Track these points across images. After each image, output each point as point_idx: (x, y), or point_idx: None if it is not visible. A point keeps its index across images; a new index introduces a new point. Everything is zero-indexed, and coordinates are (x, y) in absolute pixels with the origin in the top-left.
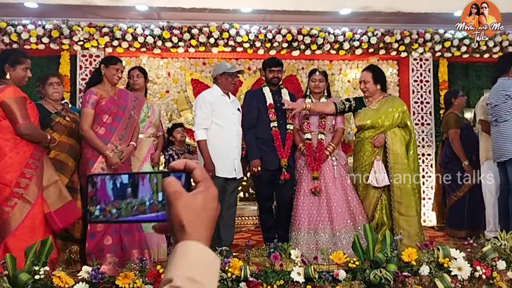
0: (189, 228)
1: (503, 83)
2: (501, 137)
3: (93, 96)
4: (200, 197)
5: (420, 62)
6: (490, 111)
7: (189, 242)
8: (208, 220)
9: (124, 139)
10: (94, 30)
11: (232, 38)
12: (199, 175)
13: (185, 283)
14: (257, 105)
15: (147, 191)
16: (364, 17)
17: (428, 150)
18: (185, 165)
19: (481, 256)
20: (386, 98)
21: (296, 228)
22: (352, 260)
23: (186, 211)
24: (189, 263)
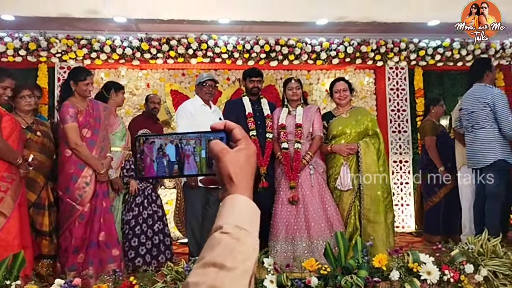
0: (236, 179)
1: (480, 90)
2: (477, 144)
3: (71, 110)
4: (243, 153)
5: (396, 70)
6: (466, 117)
7: (236, 196)
8: (251, 174)
9: (103, 152)
10: (72, 42)
11: (211, 49)
12: (239, 134)
13: (233, 230)
14: (236, 115)
15: (192, 169)
16: (340, 27)
17: (406, 157)
18: (225, 125)
19: (449, 260)
20: (355, 108)
21: (274, 237)
22: (324, 267)
23: (233, 165)
24: (236, 213)
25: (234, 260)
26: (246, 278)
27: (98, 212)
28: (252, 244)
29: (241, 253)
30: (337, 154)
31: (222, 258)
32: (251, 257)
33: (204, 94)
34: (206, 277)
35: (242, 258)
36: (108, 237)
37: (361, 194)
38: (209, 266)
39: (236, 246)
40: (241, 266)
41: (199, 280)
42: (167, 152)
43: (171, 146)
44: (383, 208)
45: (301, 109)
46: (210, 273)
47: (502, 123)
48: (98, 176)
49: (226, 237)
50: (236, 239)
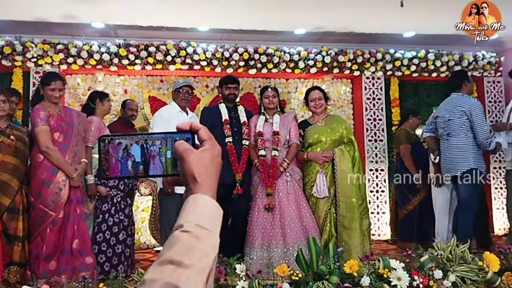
0: (200, 179)
1: (458, 98)
2: (453, 152)
3: (42, 113)
4: (208, 153)
5: (372, 80)
6: (442, 125)
7: (199, 195)
8: (215, 173)
9: (76, 157)
10: (48, 47)
11: (189, 56)
12: (204, 134)
13: (193, 228)
14: (213, 121)
15: (157, 169)
16: (318, 37)
17: (382, 165)
18: (190, 126)
19: (419, 266)
20: (330, 116)
21: (249, 244)
22: (295, 273)
23: (197, 165)
24: (197, 212)
25: (192, 258)
26: (202, 276)
27: (72, 218)
28: (212, 242)
29: (200, 251)
30: (313, 161)
31: (180, 256)
32: (210, 255)
33: (181, 100)
34: (162, 274)
35: (201, 256)
36: (82, 245)
37: (337, 201)
38: (167, 263)
39: (195, 244)
40: (198, 263)
41: (155, 277)
42: (132, 152)
43: (137, 147)
44: (358, 215)
45: (278, 117)
46: (167, 270)
47: (477, 131)
48: (71, 181)
49: (186, 235)
50: (195, 237)
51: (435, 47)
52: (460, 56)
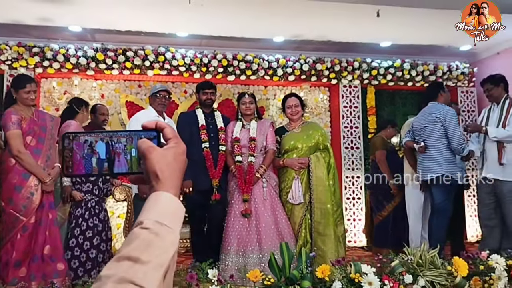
0: (162, 176)
1: (433, 107)
2: (426, 158)
3: (14, 116)
4: (171, 151)
5: (349, 89)
6: (418, 132)
7: (161, 192)
8: (178, 171)
9: (49, 161)
10: (23, 49)
11: (168, 61)
12: (169, 133)
13: (153, 225)
14: (190, 126)
15: (122, 167)
16: (296, 45)
17: (358, 172)
18: (156, 124)
19: (390, 271)
20: (306, 123)
21: (225, 249)
22: (268, 277)
23: (159, 162)
24: (158, 209)
25: (150, 254)
26: (159, 272)
27: (43, 224)
28: (172, 239)
29: (159, 247)
30: (289, 168)
31: (138, 252)
32: (169, 251)
33: (158, 105)
34: (118, 270)
35: (159, 253)
36: (53, 251)
37: (312, 207)
38: (124, 259)
39: (154, 241)
40: (156, 259)
41: (110, 273)
42: (97, 149)
43: (102, 144)
44: (332, 221)
45: (255, 123)
46: (124, 266)
47: (451, 137)
48: (44, 186)
49: (145, 232)
50: (155, 234)
51: (411, 57)
52: (435, 66)
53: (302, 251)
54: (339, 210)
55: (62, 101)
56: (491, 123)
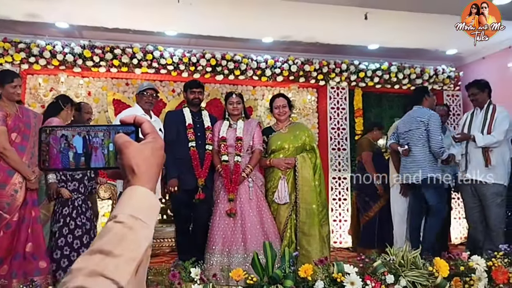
0: (138, 171)
1: (417, 111)
2: (409, 161)
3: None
4: (148, 146)
5: (337, 90)
6: (403, 136)
7: (136, 187)
8: (155, 166)
9: (34, 158)
10: (9, 45)
11: (156, 60)
12: (147, 128)
13: (127, 219)
14: (177, 125)
15: (99, 161)
16: (285, 46)
17: (344, 174)
18: (134, 119)
19: (372, 271)
20: (293, 123)
21: (210, 249)
22: (250, 276)
23: (135, 157)
24: (133, 203)
25: (122, 248)
26: (131, 265)
27: (26, 221)
28: (145, 233)
29: (132, 241)
30: (276, 168)
31: (111, 246)
32: (142, 245)
33: (144, 103)
34: (89, 263)
35: (132, 247)
36: (36, 249)
37: (297, 208)
38: (96, 253)
39: (127, 235)
40: (128, 253)
41: (81, 266)
42: (74, 144)
43: (79, 138)
44: (317, 221)
45: (242, 122)
46: (95, 259)
47: (431, 141)
48: (28, 183)
49: (119, 225)
50: (128, 228)
51: (398, 60)
52: (421, 70)
53: (285, 251)
54: (324, 210)
55: (48, 98)
56: (474, 127)
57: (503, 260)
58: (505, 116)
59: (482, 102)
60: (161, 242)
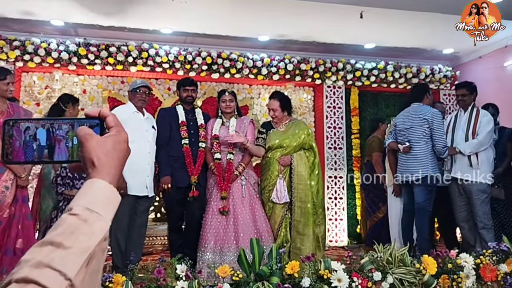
0: (98, 164)
1: (419, 108)
2: (411, 159)
3: None
4: (110, 139)
5: (333, 89)
6: (402, 133)
7: (95, 180)
8: (117, 159)
9: None
10: (3, 42)
11: (151, 58)
12: (111, 121)
13: (83, 212)
14: (170, 123)
15: (63, 154)
16: (281, 45)
17: (340, 173)
18: (99, 112)
19: (359, 268)
20: (293, 121)
21: (202, 247)
22: (237, 273)
23: (96, 150)
24: (90, 196)
25: (73, 240)
26: (80, 257)
27: (17, 218)
28: (101, 226)
29: (84, 234)
30: (272, 166)
31: (62, 238)
32: (95, 238)
33: (137, 101)
34: (38, 254)
35: (83, 239)
36: (26, 245)
37: (293, 206)
38: (47, 244)
39: (80, 227)
40: (78, 245)
41: (30, 257)
42: (37, 136)
43: (42, 131)
44: (312, 221)
45: (235, 120)
46: (45, 251)
47: (436, 139)
48: (19, 181)
49: (73, 218)
50: (83, 220)
51: (394, 59)
52: (418, 69)
53: (273, 247)
54: (320, 211)
55: (43, 96)
56: (458, 128)
57: (491, 258)
58: (489, 120)
59: (468, 104)
60: (154, 240)
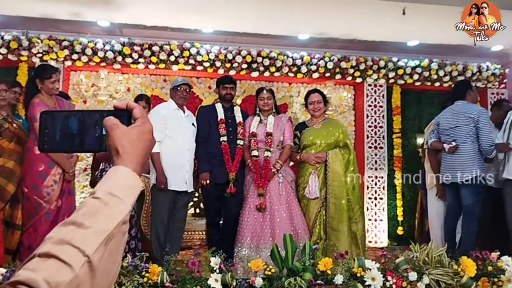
0: (122, 153)
1: (465, 106)
2: (458, 159)
3: (41, 107)
4: (135, 129)
5: (374, 88)
6: (447, 132)
7: (119, 167)
8: (142, 149)
9: None
10: (54, 43)
11: (193, 56)
12: (137, 113)
13: (105, 196)
14: (209, 121)
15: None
16: (322, 43)
17: (381, 172)
18: (126, 105)
19: (394, 267)
20: (327, 119)
21: (239, 243)
22: (269, 268)
23: (121, 139)
24: (113, 181)
25: (94, 221)
26: (99, 237)
27: (63, 210)
28: (120, 210)
29: (104, 215)
30: (306, 163)
31: (83, 218)
32: (114, 220)
33: (178, 98)
34: (60, 233)
35: (103, 220)
36: None
37: (327, 203)
38: (69, 224)
39: (101, 209)
40: (98, 226)
41: (52, 235)
42: (70, 126)
43: (74, 121)
44: (346, 217)
45: (273, 118)
46: (67, 230)
47: (483, 138)
48: (66, 175)
49: (95, 201)
50: (104, 204)
51: (439, 56)
52: (464, 67)
53: (306, 244)
54: (357, 207)
55: (89, 94)
56: None
57: None
58: None
59: None
60: (192, 235)
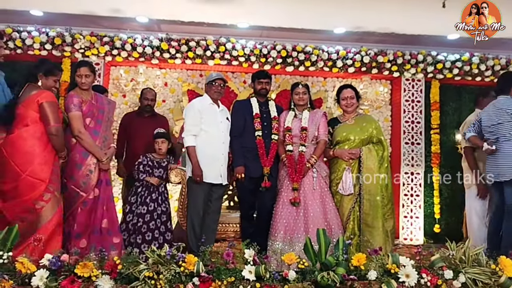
0: None
1: (506, 101)
2: (502, 156)
3: (75, 99)
4: None
5: (412, 82)
6: (489, 129)
7: None
8: None
9: (106, 141)
10: (95, 39)
11: (228, 51)
12: None
13: None
14: (244, 115)
15: None
16: (358, 37)
17: (418, 169)
18: None
19: (429, 265)
20: (361, 115)
21: (273, 236)
22: (302, 261)
23: None
24: None
25: None
26: None
27: (101, 199)
28: None
29: None
30: (340, 159)
31: None
32: None
33: (213, 93)
34: None
35: None
36: (110, 225)
37: (361, 199)
38: None
39: None
40: None
41: None
42: None
43: None
44: (381, 214)
45: (307, 113)
46: None
47: None
48: (100, 164)
49: None
50: None
51: (481, 50)
52: (507, 61)
53: (339, 239)
54: (390, 204)
55: (128, 88)
56: None
57: None
58: None
59: None
60: (227, 227)
